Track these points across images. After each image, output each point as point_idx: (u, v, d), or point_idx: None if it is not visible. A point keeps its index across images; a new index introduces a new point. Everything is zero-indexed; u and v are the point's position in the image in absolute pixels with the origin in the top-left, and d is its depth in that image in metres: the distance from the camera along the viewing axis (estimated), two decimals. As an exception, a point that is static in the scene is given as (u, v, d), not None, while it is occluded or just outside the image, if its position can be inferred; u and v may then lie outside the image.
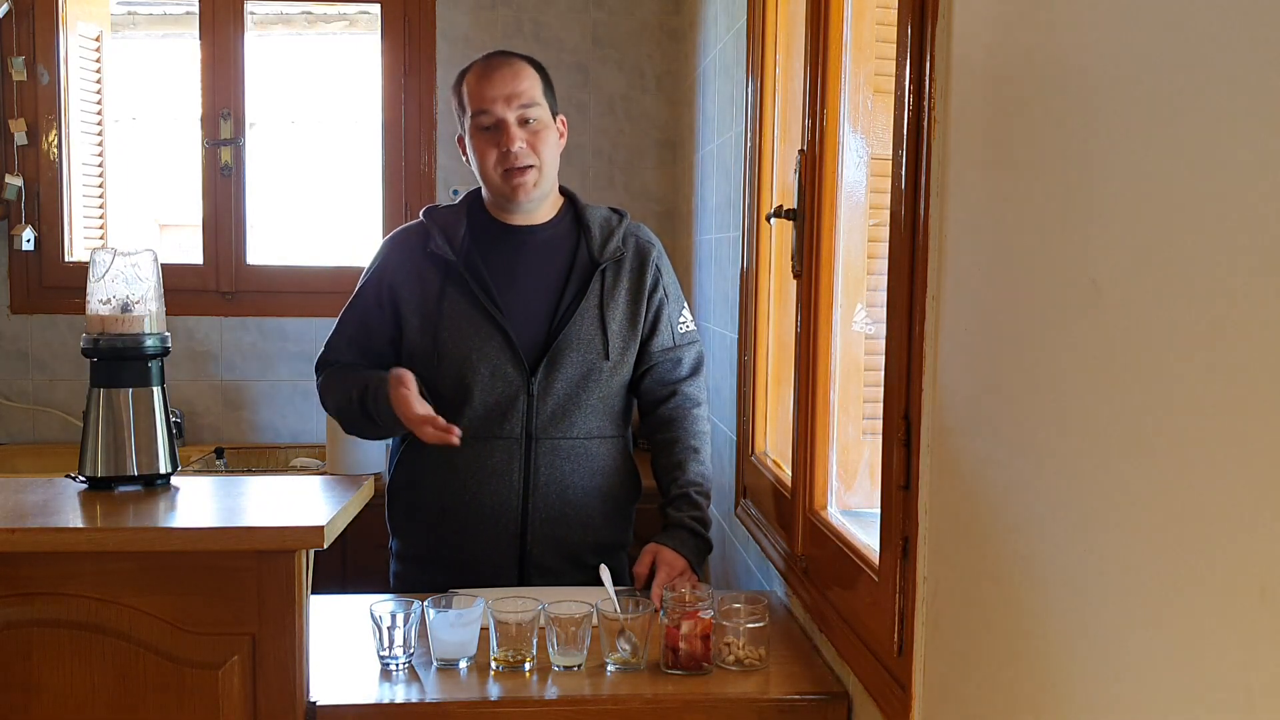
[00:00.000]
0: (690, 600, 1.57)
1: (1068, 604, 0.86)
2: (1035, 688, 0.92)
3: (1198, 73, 0.70)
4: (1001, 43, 1.01)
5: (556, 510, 1.92)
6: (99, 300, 1.57)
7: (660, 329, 1.98)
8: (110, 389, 1.55)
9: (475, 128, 1.89)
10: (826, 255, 1.68)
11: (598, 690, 1.49)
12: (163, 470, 1.57)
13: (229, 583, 1.40)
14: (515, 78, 1.87)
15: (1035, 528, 0.92)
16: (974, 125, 1.07)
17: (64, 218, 3.34)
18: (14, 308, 3.33)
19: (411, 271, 1.93)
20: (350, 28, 3.80)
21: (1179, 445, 0.71)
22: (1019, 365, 0.96)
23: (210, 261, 3.37)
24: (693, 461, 1.96)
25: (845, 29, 1.65)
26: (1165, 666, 0.73)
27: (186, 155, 3.53)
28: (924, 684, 1.19)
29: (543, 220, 1.97)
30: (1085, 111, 0.84)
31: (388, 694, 1.48)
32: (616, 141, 3.43)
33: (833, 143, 1.66)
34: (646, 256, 1.98)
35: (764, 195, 2.09)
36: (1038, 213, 0.92)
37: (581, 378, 1.91)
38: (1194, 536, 0.70)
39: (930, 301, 1.17)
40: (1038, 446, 0.92)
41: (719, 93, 2.67)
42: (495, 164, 1.87)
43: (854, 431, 1.70)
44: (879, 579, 1.32)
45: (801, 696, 1.50)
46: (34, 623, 1.38)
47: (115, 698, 1.39)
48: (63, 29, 3.30)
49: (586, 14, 3.40)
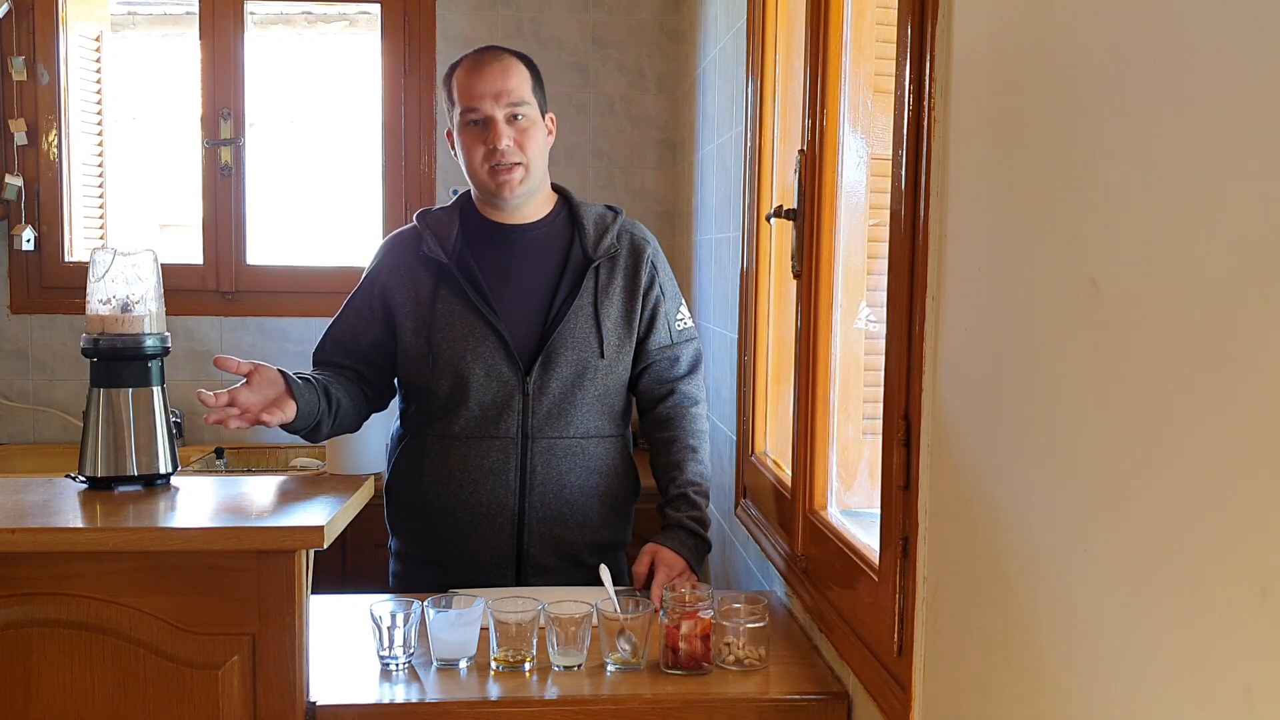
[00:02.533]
0: (690, 600, 1.57)
1: (1068, 604, 0.86)
2: (1035, 688, 0.92)
3: (1198, 72, 0.70)
4: (1001, 42, 1.01)
5: (553, 509, 1.92)
6: (99, 300, 1.57)
7: (657, 326, 1.97)
8: (110, 389, 1.55)
9: (463, 123, 1.89)
10: (826, 255, 1.68)
11: (598, 690, 1.49)
12: (163, 470, 1.57)
13: (229, 583, 1.39)
14: (504, 75, 1.87)
15: (1035, 528, 0.92)
16: (974, 125, 1.07)
17: (64, 218, 3.34)
18: (14, 308, 3.33)
19: (405, 275, 1.93)
20: (350, 28, 3.80)
21: (1179, 445, 0.71)
22: (1019, 365, 0.96)
23: (210, 261, 3.37)
24: (691, 461, 1.96)
25: (845, 29, 1.65)
26: (1165, 666, 0.73)
27: (186, 155, 3.52)
28: (924, 684, 1.19)
29: (536, 218, 1.96)
30: (1085, 111, 0.84)
31: (388, 694, 1.48)
32: (616, 141, 3.43)
33: (833, 143, 1.66)
34: (641, 253, 1.97)
35: (764, 195, 2.09)
36: (1038, 213, 0.92)
37: (577, 376, 1.90)
38: (1194, 536, 0.70)
39: (930, 301, 1.17)
40: (1038, 446, 0.92)
41: (719, 93, 2.67)
42: (482, 161, 1.87)
43: (854, 431, 1.70)
44: (879, 579, 1.32)
45: (801, 696, 1.50)
46: (34, 623, 1.38)
47: (115, 698, 1.39)
48: (63, 29, 3.30)
49: (586, 14, 3.40)
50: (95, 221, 3.45)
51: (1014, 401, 0.97)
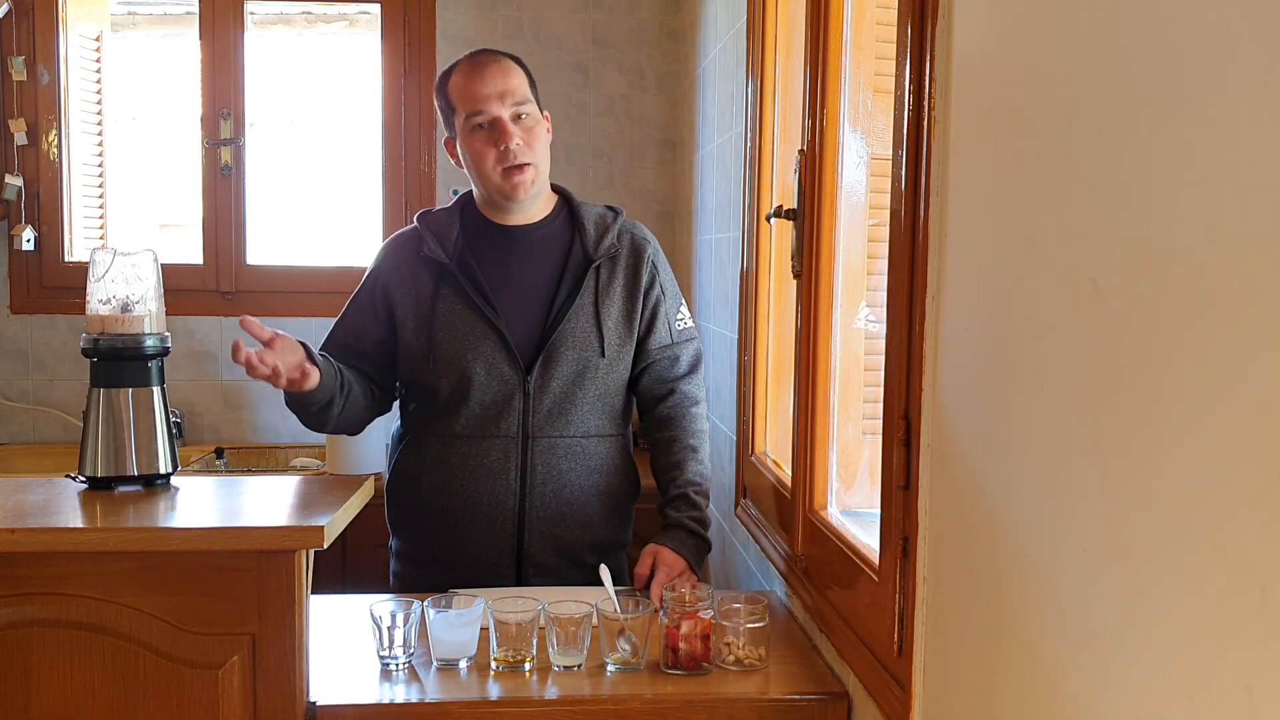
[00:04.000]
0: (690, 600, 1.57)
1: (1068, 603, 0.86)
2: (1035, 688, 0.92)
3: (1198, 72, 0.70)
4: (1001, 43, 1.01)
5: (553, 509, 1.92)
6: (99, 300, 1.57)
7: (657, 326, 1.97)
8: (110, 389, 1.55)
9: (469, 128, 1.87)
10: (826, 255, 1.68)
11: (598, 690, 1.49)
12: (163, 470, 1.57)
13: (229, 583, 1.39)
14: (505, 75, 1.87)
15: (1035, 527, 0.92)
16: (974, 125, 1.07)
17: (64, 218, 3.34)
18: (14, 308, 3.33)
19: (406, 275, 1.93)
20: (350, 28, 3.80)
21: (1179, 444, 0.71)
22: (1019, 365, 0.96)
23: (210, 261, 3.37)
24: (691, 461, 1.96)
25: (845, 29, 1.65)
26: (1165, 666, 0.73)
27: (186, 155, 3.52)
28: (924, 684, 1.19)
29: (536, 218, 1.96)
30: (1085, 111, 0.84)
31: (388, 694, 1.48)
32: (616, 141, 3.43)
33: (833, 143, 1.66)
34: (642, 253, 1.97)
35: (764, 195, 2.09)
36: (1038, 213, 0.92)
37: (577, 375, 1.90)
38: (1194, 536, 0.70)
39: (930, 301, 1.17)
40: (1038, 446, 0.92)
41: (719, 93, 2.67)
42: (494, 163, 1.86)
43: (854, 431, 1.70)
44: (879, 579, 1.32)
45: (801, 696, 1.50)
46: (34, 623, 1.38)
47: (115, 698, 1.39)
48: (63, 29, 3.30)
49: (586, 14, 3.40)
50: (95, 221, 3.45)
51: (1014, 401, 0.97)
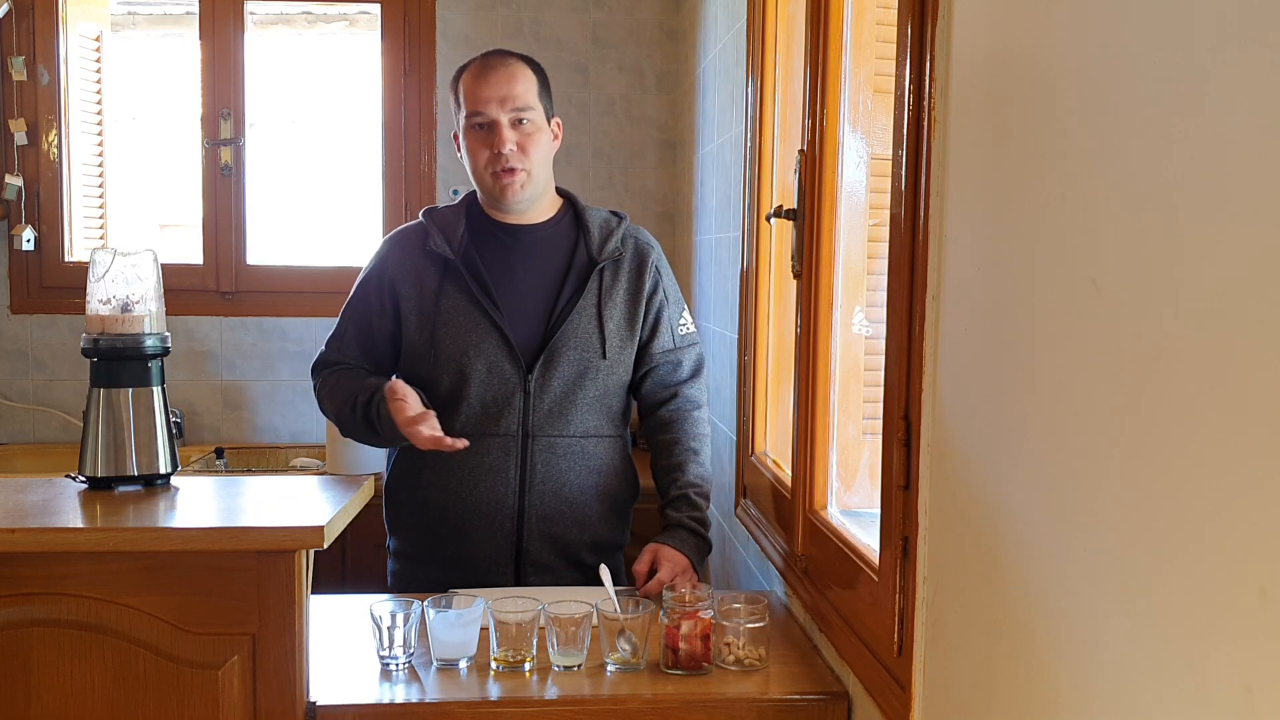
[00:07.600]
0: (690, 600, 1.57)
1: (1068, 603, 0.86)
2: (1035, 688, 0.92)
3: (1198, 72, 0.70)
4: (1001, 42, 1.01)
5: (553, 508, 1.92)
6: (99, 300, 1.57)
7: (660, 331, 1.98)
8: (110, 389, 1.55)
9: (469, 126, 1.90)
10: (826, 255, 1.68)
11: (598, 690, 1.49)
12: (163, 470, 1.57)
13: (229, 583, 1.39)
14: (510, 80, 1.88)
15: (1035, 527, 0.92)
16: (974, 125, 1.07)
17: (64, 218, 3.34)
18: (14, 308, 3.33)
19: (410, 269, 1.94)
20: (350, 28, 3.80)
21: (1179, 445, 0.71)
22: (1018, 365, 0.96)
23: (210, 261, 3.37)
24: (692, 463, 1.96)
25: (845, 29, 1.65)
26: (1165, 666, 0.73)
27: (186, 155, 3.52)
28: (924, 684, 1.19)
29: (541, 220, 1.97)
30: (1085, 111, 0.84)
31: (388, 694, 1.48)
32: (616, 141, 3.43)
33: (833, 143, 1.66)
34: (645, 258, 1.98)
35: (764, 195, 2.09)
36: (1037, 213, 0.92)
37: (578, 376, 1.91)
38: (1194, 536, 0.70)
39: (930, 301, 1.17)
40: (1038, 446, 0.92)
41: (719, 93, 2.67)
42: (486, 164, 1.89)
43: (854, 431, 1.70)
44: (879, 579, 1.32)
45: (801, 696, 1.50)
46: (34, 623, 1.38)
47: (115, 698, 1.39)
48: (63, 29, 3.30)
49: (586, 14, 3.40)
50: (95, 221, 3.45)
51: (1014, 401, 0.97)
